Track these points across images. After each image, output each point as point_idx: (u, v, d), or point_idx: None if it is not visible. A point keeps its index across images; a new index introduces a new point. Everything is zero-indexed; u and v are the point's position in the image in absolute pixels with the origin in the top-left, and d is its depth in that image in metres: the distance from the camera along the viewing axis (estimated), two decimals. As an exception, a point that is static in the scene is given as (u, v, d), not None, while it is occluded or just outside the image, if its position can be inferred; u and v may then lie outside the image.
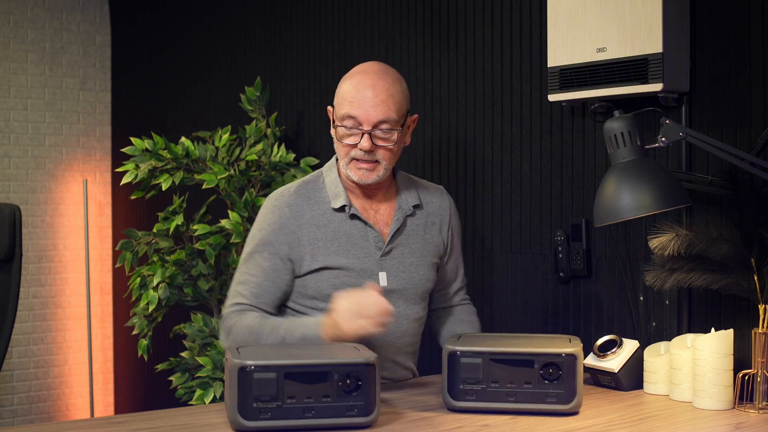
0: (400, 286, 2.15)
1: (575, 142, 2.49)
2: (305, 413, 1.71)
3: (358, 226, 2.14)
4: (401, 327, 2.17)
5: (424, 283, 2.21)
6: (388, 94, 2.07)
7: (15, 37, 4.74)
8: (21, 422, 4.67)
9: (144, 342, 3.32)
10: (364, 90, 2.06)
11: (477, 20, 2.77)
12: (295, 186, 2.18)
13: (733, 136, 2.12)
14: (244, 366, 1.70)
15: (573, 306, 2.50)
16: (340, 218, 2.14)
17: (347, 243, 2.12)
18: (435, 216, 2.25)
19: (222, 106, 4.00)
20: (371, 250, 2.13)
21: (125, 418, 1.86)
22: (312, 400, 1.72)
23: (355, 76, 2.11)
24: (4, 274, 2.99)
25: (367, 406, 1.73)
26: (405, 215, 2.18)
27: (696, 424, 1.83)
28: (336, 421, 1.73)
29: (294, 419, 1.71)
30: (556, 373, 1.85)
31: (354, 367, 1.73)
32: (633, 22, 2.16)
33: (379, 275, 2.13)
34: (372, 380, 1.73)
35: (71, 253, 4.89)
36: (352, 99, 2.06)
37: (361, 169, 2.09)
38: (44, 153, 4.83)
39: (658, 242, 1.99)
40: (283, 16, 3.65)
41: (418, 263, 2.19)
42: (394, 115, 2.07)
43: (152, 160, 3.21)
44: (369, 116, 2.05)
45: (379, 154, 2.09)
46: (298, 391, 1.71)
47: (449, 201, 2.31)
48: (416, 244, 2.20)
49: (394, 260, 2.15)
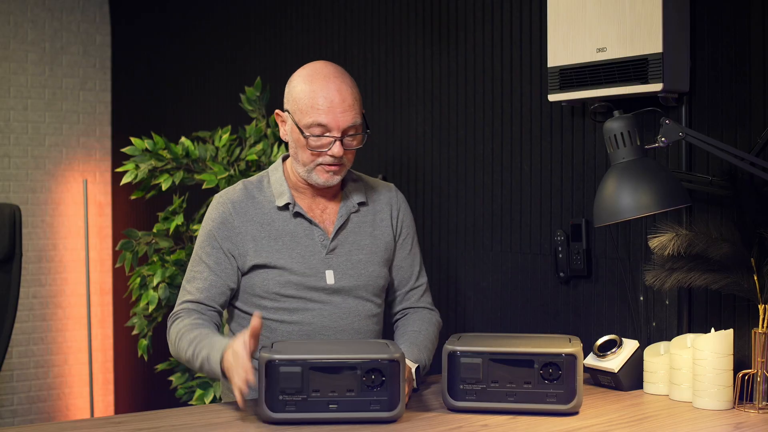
0: (348, 284, 2.13)
1: (575, 142, 2.49)
2: (329, 406, 1.76)
3: (303, 224, 2.12)
4: (354, 324, 2.14)
5: (375, 279, 2.17)
6: (353, 98, 2.06)
7: (15, 37, 4.74)
8: (21, 422, 4.67)
9: (144, 342, 3.32)
10: (332, 96, 2.03)
11: (477, 20, 2.77)
12: (240, 185, 2.17)
13: (733, 136, 2.12)
14: (271, 360, 1.75)
15: (573, 306, 2.50)
16: (283, 217, 2.12)
17: (291, 242, 2.11)
18: (383, 212, 2.22)
19: (222, 106, 4.00)
20: (317, 249, 2.12)
21: (125, 418, 1.86)
22: (336, 393, 1.76)
23: (315, 80, 2.05)
24: (4, 274, 2.99)
25: (390, 401, 1.77)
26: (349, 212, 2.16)
27: (696, 424, 1.83)
28: (360, 415, 1.77)
29: (318, 412, 1.76)
30: (556, 373, 1.85)
31: (378, 362, 1.77)
32: (633, 22, 2.16)
33: (326, 273, 2.11)
34: (396, 376, 1.77)
35: (71, 253, 4.89)
36: (320, 106, 2.02)
37: (329, 172, 2.07)
38: (44, 153, 4.83)
39: (658, 242, 1.99)
40: (283, 16, 3.65)
41: (367, 260, 2.16)
42: (359, 119, 2.07)
43: (152, 160, 3.21)
44: (339, 123, 2.03)
45: (345, 158, 2.08)
46: (323, 384, 1.76)
47: (397, 196, 2.26)
48: (364, 240, 2.17)
49: (340, 258, 2.13)
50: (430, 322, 2.24)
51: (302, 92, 2.05)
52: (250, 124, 3.48)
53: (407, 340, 2.17)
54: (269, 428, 1.77)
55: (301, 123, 2.05)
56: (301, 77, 2.08)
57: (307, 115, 2.03)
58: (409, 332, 2.20)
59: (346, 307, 2.12)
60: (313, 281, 2.09)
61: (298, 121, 2.05)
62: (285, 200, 2.11)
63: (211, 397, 3.06)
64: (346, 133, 2.05)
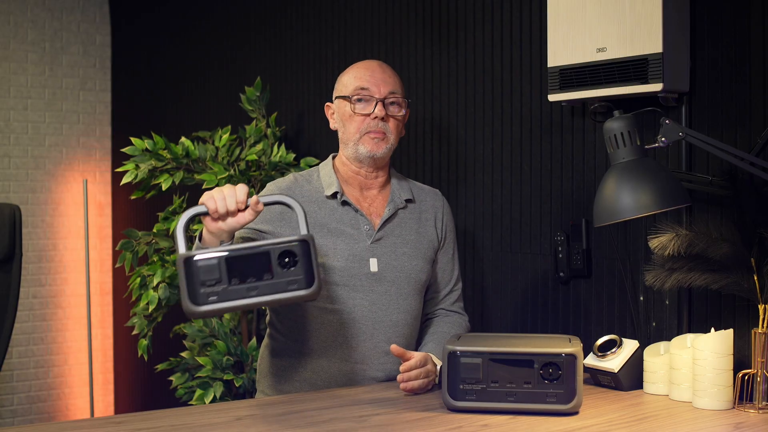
0: (391, 274, 2.19)
1: (575, 142, 2.49)
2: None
3: (350, 213, 2.21)
4: (392, 316, 2.19)
5: (417, 273, 2.23)
6: (392, 72, 2.27)
7: (15, 37, 4.74)
8: (21, 422, 4.67)
9: (144, 342, 3.32)
10: (373, 68, 2.25)
11: (477, 20, 2.77)
12: (290, 176, 2.29)
13: (733, 136, 2.12)
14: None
15: (573, 306, 2.50)
16: (331, 205, 2.21)
17: (337, 229, 2.19)
18: (428, 212, 2.31)
19: (222, 106, 4.01)
20: (362, 238, 2.20)
21: (125, 418, 1.86)
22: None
23: (358, 64, 2.28)
24: (4, 274, 2.99)
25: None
26: (396, 207, 2.25)
27: (696, 424, 1.83)
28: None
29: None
30: (555, 373, 1.85)
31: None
32: (633, 22, 2.16)
33: (370, 261, 2.18)
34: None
35: (71, 253, 4.89)
36: (362, 76, 2.23)
37: (374, 139, 2.21)
38: (44, 153, 4.83)
39: (658, 242, 1.99)
40: (283, 16, 3.65)
41: (411, 254, 2.23)
42: (400, 89, 2.25)
43: (152, 160, 3.21)
44: (380, 87, 2.22)
45: (388, 126, 2.22)
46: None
47: (443, 201, 2.37)
48: (409, 235, 2.25)
49: (385, 248, 2.21)
50: (460, 325, 2.33)
51: (347, 75, 2.27)
52: (250, 124, 3.48)
53: (436, 339, 2.24)
54: (271, 429, 1.77)
55: (347, 93, 2.24)
56: (347, 69, 2.30)
57: (351, 85, 2.24)
58: (439, 332, 2.27)
59: (388, 298, 2.19)
60: (356, 268, 2.17)
61: (345, 93, 2.24)
62: (333, 189, 2.22)
63: (211, 397, 3.06)
64: (387, 99, 2.21)
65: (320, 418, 1.84)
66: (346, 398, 2.03)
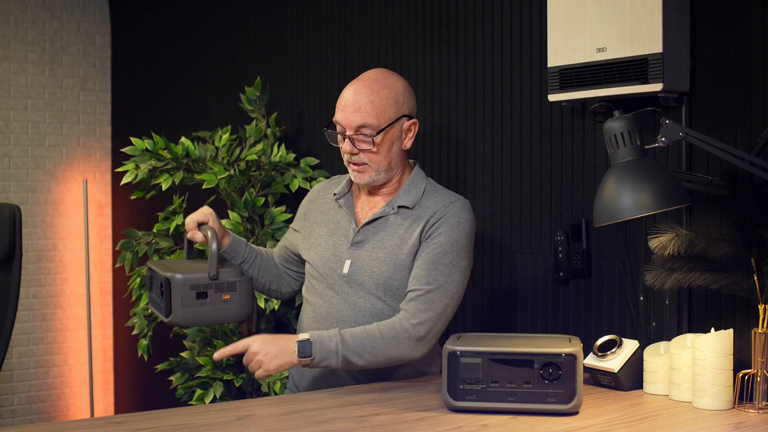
0: (359, 277, 2.23)
1: (575, 142, 2.49)
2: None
3: (345, 216, 2.31)
4: (356, 317, 2.21)
5: (386, 279, 2.19)
6: (368, 100, 2.17)
7: (15, 37, 4.74)
8: (21, 422, 4.67)
9: (144, 342, 3.32)
10: (348, 96, 2.19)
11: (477, 20, 2.77)
12: (332, 179, 2.46)
13: (733, 136, 2.12)
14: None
15: (573, 306, 2.50)
16: (335, 206, 2.35)
17: (333, 228, 2.31)
18: (422, 219, 2.21)
19: (222, 106, 4.01)
20: (345, 239, 2.28)
21: (125, 418, 1.86)
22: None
23: (350, 84, 2.23)
24: (4, 274, 2.99)
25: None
26: (386, 213, 2.25)
27: (696, 424, 1.83)
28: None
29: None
30: (555, 373, 1.85)
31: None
32: (633, 22, 2.16)
33: (345, 262, 2.25)
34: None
35: (71, 254, 4.89)
36: (340, 103, 2.21)
37: (354, 171, 2.24)
38: (44, 153, 4.83)
39: (658, 242, 1.99)
40: (283, 17, 3.65)
41: (384, 258, 2.21)
42: (372, 120, 2.16)
43: (152, 160, 3.22)
44: (348, 121, 2.18)
45: (365, 158, 2.20)
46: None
47: (449, 208, 2.21)
48: (390, 240, 2.23)
49: (362, 251, 2.24)
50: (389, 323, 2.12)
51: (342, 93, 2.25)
52: (250, 124, 3.48)
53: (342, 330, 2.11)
54: (271, 429, 1.77)
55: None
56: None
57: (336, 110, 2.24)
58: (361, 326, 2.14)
59: (355, 300, 2.22)
60: (333, 267, 2.26)
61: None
62: (338, 191, 2.32)
63: (211, 397, 3.06)
64: (358, 131, 2.18)
65: (320, 418, 1.84)
66: (346, 398, 2.03)
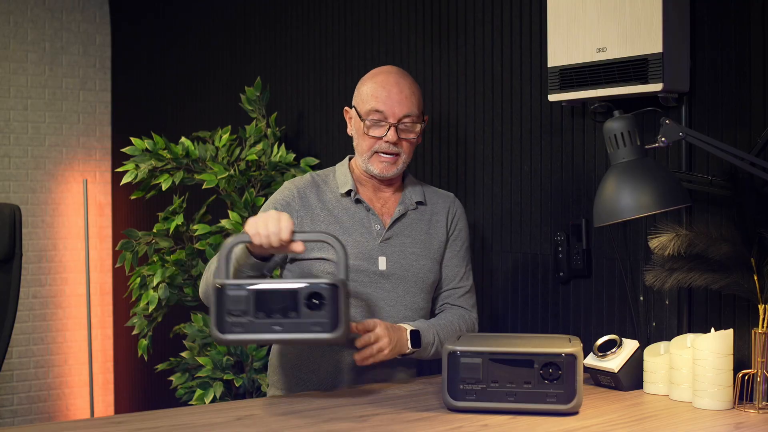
0: (399, 272, 2.22)
1: (575, 142, 2.49)
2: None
3: (362, 212, 2.25)
4: (399, 313, 2.21)
5: (425, 273, 2.25)
6: (411, 91, 2.23)
7: (15, 37, 4.74)
8: (21, 422, 4.67)
9: (144, 342, 3.32)
10: (390, 87, 2.21)
11: (477, 20, 2.77)
12: (308, 175, 2.32)
13: (733, 136, 2.12)
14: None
15: (573, 306, 2.50)
16: (344, 203, 2.25)
17: (350, 227, 2.23)
18: (440, 214, 2.31)
19: (222, 106, 4.01)
20: (372, 236, 2.23)
21: (125, 418, 1.86)
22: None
23: (378, 75, 2.25)
24: (4, 274, 2.99)
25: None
26: (407, 208, 2.28)
27: (696, 424, 1.83)
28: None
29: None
30: (555, 373, 1.85)
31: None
32: (633, 22, 2.16)
33: (379, 259, 2.21)
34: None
35: (71, 254, 4.89)
36: (378, 95, 2.20)
37: (384, 162, 2.22)
38: (44, 153, 4.83)
39: (658, 242, 1.99)
40: (283, 17, 3.65)
41: (420, 253, 2.25)
42: (416, 110, 2.23)
43: (152, 160, 3.21)
44: (395, 110, 2.19)
45: (401, 147, 2.22)
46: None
47: (456, 203, 2.36)
48: (419, 236, 2.27)
49: (394, 247, 2.23)
50: (462, 317, 2.30)
51: (366, 86, 2.25)
52: (250, 124, 3.48)
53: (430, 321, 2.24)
54: (271, 429, 1.77)
55: (361, 111, 2.23)
56: (368, 75, 2.28)
57: (366, 104, 2.22)
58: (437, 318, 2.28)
59: (395, 296, 2.21)
60: (365, 265, 2.20)
61: (360, 110, 2.23)
62: (348, 187, 2.25)
63: (211, 397, 3.06)
64: (401, 121, 2.20)
65: (320, 418, 1.84)
66: (346, 398, 2.03)
